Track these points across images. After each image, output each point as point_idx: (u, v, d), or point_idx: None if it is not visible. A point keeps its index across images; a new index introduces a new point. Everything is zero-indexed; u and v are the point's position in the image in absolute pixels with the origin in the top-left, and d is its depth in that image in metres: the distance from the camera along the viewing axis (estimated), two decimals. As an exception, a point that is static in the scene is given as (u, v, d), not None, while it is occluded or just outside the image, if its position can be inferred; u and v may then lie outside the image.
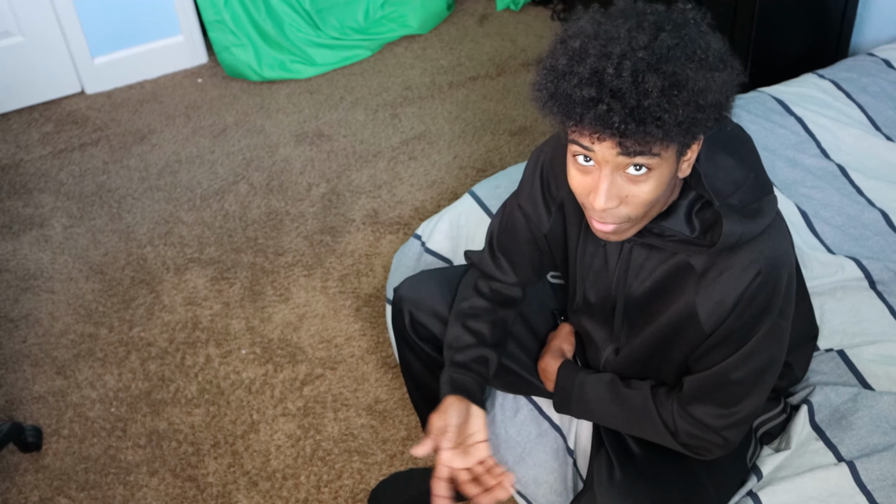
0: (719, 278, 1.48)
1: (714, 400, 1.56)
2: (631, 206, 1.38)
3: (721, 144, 1.47)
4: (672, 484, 1.64)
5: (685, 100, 1.28)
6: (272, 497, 2.28)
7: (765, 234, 1.47)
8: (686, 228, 1.46)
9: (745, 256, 1.46)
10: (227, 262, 2.84)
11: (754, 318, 1.49)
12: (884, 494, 1.67)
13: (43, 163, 3.21)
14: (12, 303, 2.75)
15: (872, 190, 2.26)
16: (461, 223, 2.28)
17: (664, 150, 1.33)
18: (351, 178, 3.08)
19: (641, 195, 1.37)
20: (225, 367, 2.56)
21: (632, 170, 1.34)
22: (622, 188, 1.36)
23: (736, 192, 1.45)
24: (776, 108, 2.42)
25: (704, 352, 1.55)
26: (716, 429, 1.57)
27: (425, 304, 1.84)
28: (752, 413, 1.58)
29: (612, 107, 1.26)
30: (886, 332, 1.97)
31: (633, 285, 1.58)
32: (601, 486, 1.64)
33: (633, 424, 1.66)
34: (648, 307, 1.60)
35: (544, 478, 1.94)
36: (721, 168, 1.45)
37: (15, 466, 2.36)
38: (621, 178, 1.35)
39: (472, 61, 3.55)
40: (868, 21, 2.85)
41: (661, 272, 1.54)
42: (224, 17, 3.39)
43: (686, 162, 1.40)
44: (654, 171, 1.35)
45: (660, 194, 1.38)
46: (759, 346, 1.51)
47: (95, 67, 3.45)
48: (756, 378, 1.54)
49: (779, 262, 1.48)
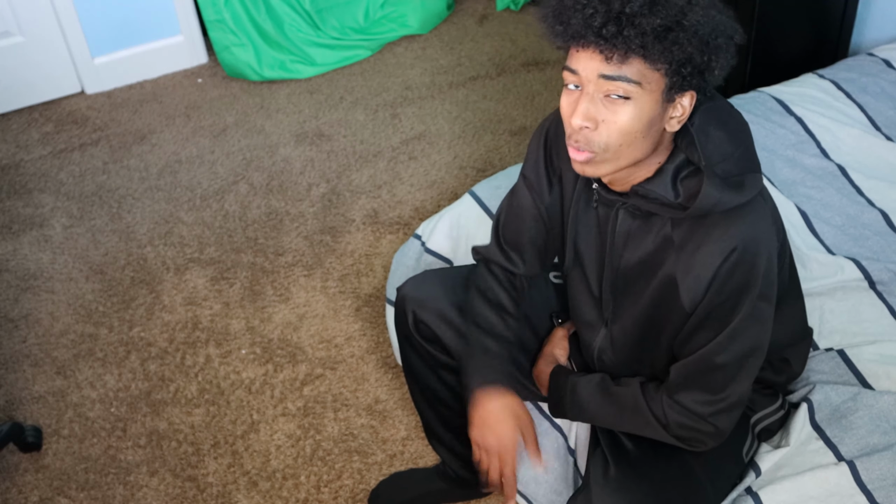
0: (697, 251, 1.50)
1: (700, 386, 1.57)
2: (606, 134, 1.42)
3: (714, 119, 1.49)
4: (667, 479, 1.65)
5: (667, 14, 1.35)
6: (272, 497, 2.28)
7: (744, 210, 1.48)
8: (671, 193, 1.49)
9: (721, 230, 1.48)
10: (227, 262, 2.84)
11: (733, 297, 1.50)
12: (884, 494, 1.67)
13: (43, 163, 3.21)
14: (12, 303, 2.75)
15: (872, 190, 2.26)
16: (461, 223, 2.28)
17: (644, 78, 1.38)
18: (351, 178, 3.08)
19: (618, 122, 1.41)
20: (225, 367, 2.56)
21: (613, 95, 1.40)
22: (600, 111, 1.41)
23: (721, 163, 1.47)
24: (776, 108, 2.42)
25: (688, 335, 1.56)
26: (704, 416, 1.58)
27: (429, 304, 1.84)
28: (740, 400, 1.59)
29: (598, 9, 1.36)
30: (886, 331, 1.96)
31: (625, 255, 1.60)
32: (597, 484, 1.64)
33: (626, 421, 1.67)
34: (635, 281, 1.61)
35: (545, 477, 1.94)
36: (711, 139, 1.48)
37: (15, 466, 2.36)
38: (602, 103, 1.41)
39: (472, 61, 3.55)
40: (868, 21, 2.85)
41: (649, 245, 1.56)
42: (224, 16, 3.39)
43: (675, 119, 1.44)
44: (634, 101, 1.39)
45: (637, 129, 1.41)
46: (741, 329, 1.52)
47: (95, 67, 3.45)
48: (740, 362, 1.55)
49: (757, 242, 1.49)
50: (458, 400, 1.95)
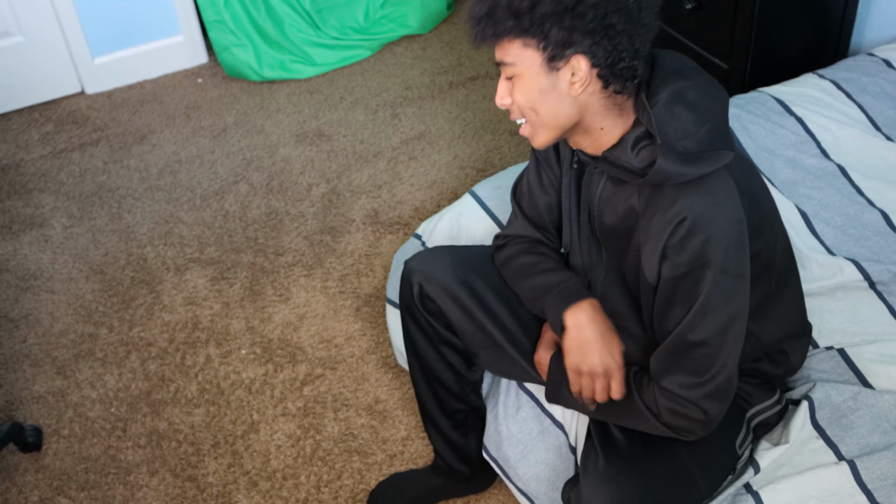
0: (651, 220, 1.55)
1: (683, 369, 1.58)
2: (518, 109, 1.59)
3: (683, 98, 1.53)
4: (657, 471, 1.66)
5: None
6: (272, 497, 2.28)
7: (699, 184, 1.51)
8: (633, 159, 1.56)
9: (669, 201, 1.52)
10: (227, 262, 2.84)
11: (694, 271, 1.52)
12: (884, 494, 1.67)
13: (43, 163, 3.21)
14: (12, 303, 2.75)
15: (872, 190, 2.26)
16: (461, 223, 2.28)
17: (519, 57, 1.53)
18: (351, 178, 3.08)
19: (516, 98, 1.57)
20: (225, 367, 2.56)
21: (506, 77, 1.57)
22: (509, 91, 1.58)
23: (682, 140, 1.51)
24: (776, 108, 2.42)
25: (661, 312, 1.59)
26: (693, 400, 1.58)
27: (435, 276, 1.86)
28: (726, 382, 1.59)
29: (480, 7, 1.53)
30: (886, 331, 1.97)
31: (605, 214, 1.66)
32: (586, 476, 1.66)
33: (619, 411, 1.68)
34: (617, 244, 1.66)
35: (546, 475, 1.94)
36: (676, 117, 1.52)
37: (15, 466, 2.36)
38: (508, 84, 1.58)
39: (472, 61, 3.55)
40: (868, 21, 2.85)
41: (620, 210, 1.62)
42: (224, 17, 3.39)
43: (577, 83, 1.52)
44: (519, 78, 1.55)
45: (534, 99, 1.55)
46: (710, 305, 1.53)
47: (95, 67, 3.45)
48: (718, 340, 1.56)
49: (711, 214, 1.50)
50: (457, 381, 1.98)
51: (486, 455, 2.07)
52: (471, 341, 1.90)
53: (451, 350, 1.94)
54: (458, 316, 1.87)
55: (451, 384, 1.98)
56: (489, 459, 2.06)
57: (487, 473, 2.19)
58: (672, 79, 1.54)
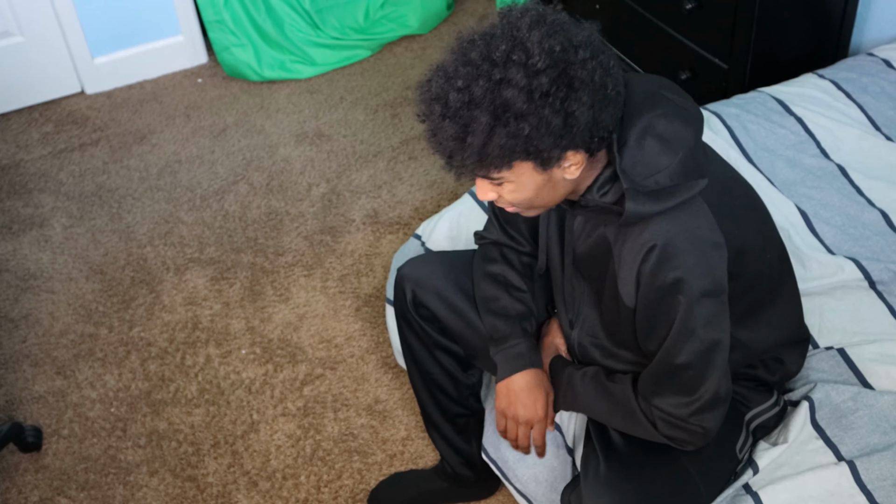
0: (623, 248, 1.54)
1: (672, 389, 1.57)
2: (507, 203, 1.52)
3: (654, 131, 1.50)
4: (657, 476, 1.65)
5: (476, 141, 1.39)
6: (272, 497, 2.28)
7: (669, 212, 1.50)
8: (604, 199, 1.53)
9: (639, 229, 1.51)
10: (227, 262, 2.84)
11: (669, 295, 1.51)
12: (884, 494, 1.67)
13: (43, 163, 3.21)
14: (12, 303, 2.75)
15: (872, 190, 2.26)
16: (461, 223, 2.28)
17: (507, 172, 1.44)
18: (351, 178, 3.08)
19: (506, 196, 1.51)
20: (225, 367, 2.56)
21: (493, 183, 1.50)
22: (491, 190, 1.51)
23: (653, 176, 1.49)
24: (776, 108, 2.42)
25: (644, 335, 1.59)
26: (685, 418, 1.58)
27: (428, 283, 1.87)
28: (718, 396, 1.58)
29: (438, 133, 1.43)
30: (886, 331, 1.96)
31: (578, 243, 1.65)
32: (587, 481, 1.65)
33: (619, 418, 1.68)
34: (590, 271, 1.66)
35: (544, 476, 1.94)
36: (646, 152, 1.49)
37: (15, 466, 2.36)
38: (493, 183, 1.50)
39: (472, 61, 3.54)
40: (868, 21, 2.84)
41: (596, 237, 1.61)
42: (224, 17, 3.39)
43: (571, 168, 1.46)
44: (510, 182, 1.47)
45: (529, 195, 1.49)
46: (690, 328, 1.52)
47: (95, 67, 3.45)
48: (703, 361, 1.55)
49: (681, 241, 1.49)
50: (454, 386, 1.98)
51: (485, 456, 2.06)
52: (468, 343, 1.90)
53: (446, 355, 1.94)
54: (452, 319, 1.88)
55: (449, 388, 1.98)
56: (488, 461, 2.06)
57: (491, 479, 2.19)
58: (643, 108, 1.50)
